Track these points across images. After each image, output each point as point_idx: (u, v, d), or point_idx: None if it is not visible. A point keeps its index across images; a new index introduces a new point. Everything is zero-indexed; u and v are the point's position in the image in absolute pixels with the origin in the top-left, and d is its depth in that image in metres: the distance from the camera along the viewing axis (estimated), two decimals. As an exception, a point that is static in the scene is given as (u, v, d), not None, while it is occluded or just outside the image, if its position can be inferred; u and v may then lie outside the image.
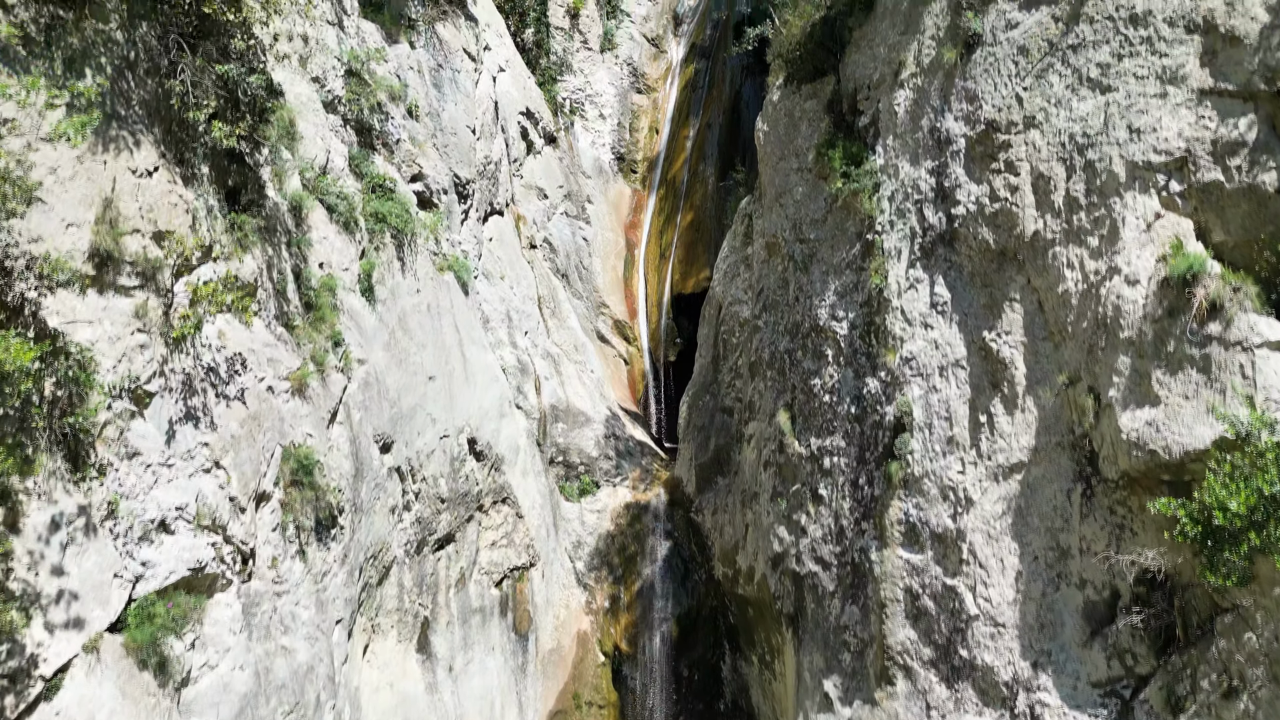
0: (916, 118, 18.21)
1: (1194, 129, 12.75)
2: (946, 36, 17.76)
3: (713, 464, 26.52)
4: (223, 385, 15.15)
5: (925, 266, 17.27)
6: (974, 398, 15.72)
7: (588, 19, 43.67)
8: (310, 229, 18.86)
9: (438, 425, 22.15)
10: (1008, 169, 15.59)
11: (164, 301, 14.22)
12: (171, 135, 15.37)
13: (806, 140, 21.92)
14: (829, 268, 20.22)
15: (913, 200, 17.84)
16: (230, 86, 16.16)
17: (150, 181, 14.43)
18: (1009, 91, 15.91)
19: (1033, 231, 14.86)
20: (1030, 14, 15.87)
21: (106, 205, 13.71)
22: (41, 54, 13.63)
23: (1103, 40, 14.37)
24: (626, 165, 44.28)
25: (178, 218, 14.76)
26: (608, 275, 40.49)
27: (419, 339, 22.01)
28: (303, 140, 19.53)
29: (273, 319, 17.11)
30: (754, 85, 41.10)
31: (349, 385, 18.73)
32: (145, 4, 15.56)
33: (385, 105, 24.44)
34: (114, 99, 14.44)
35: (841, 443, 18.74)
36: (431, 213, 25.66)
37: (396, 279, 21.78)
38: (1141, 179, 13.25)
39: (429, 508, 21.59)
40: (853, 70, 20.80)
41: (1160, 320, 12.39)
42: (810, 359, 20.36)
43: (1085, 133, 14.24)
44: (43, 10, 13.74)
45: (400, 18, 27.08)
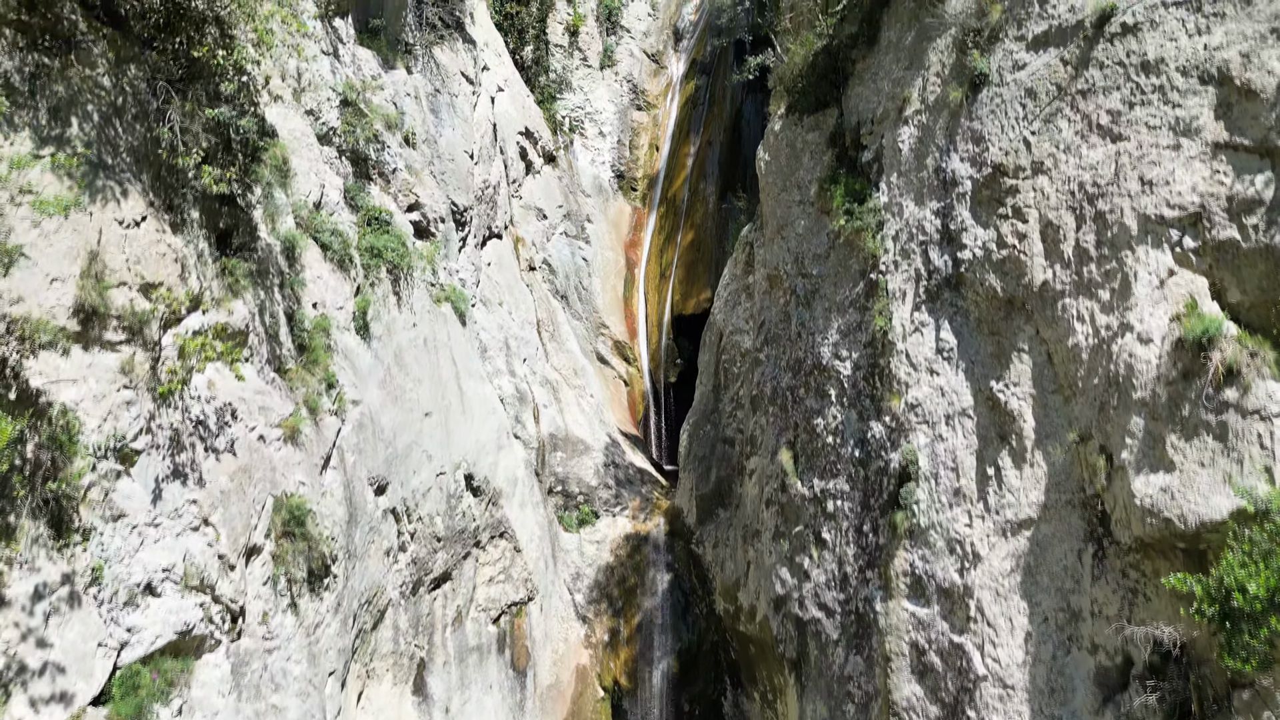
0: (921, 156, 17.87)
1: (1208, 184, 12.40)
2: (952, 74, 17.43)
3: (714, 496, 26.16)
4: (212, 438, 14.80)
5: (931, 310, 16.92)
6: (981, 449, 15.36)
7: (587, 36, 43.35)
8: (304, 268, 18.51)
9: (434, 462, 21.79)
10: (1015, 215, 15.24)
11: (151, 355, 13.87)
12: (161, 181, 15.04)
13: (809, 173, 21.59)
14: (832, 305, 19.87)
15: (917, 241, 17.50)
16: (221, 129, 15.85)
17: (138, 231, 14.08)
18: (1016, 135, 15.57)
19: (1041, 281, 14.51)
20: (1038, 56, 15.54)
21: (93, 258, 13.36)
22: (26, 104, 13.29)
23: (1113, 87, 14.03)
24: (626, 183, 43.95)
25: (166, 267, 14.41)
26: (607, 295, 40.15)
27: (415, 375, 21.66)
28: (296, 177, 19.19)
29: (264, 364, 16.76)
30: (755, 103, 40.84)
31: (343, 428, 18.38)
32: (133, 48, 15.26)
33: (381, 134, 24.10)
34: (101, 147, 14.11)
35: (845, 486, 18.38)
36: (429, 242, 25.33)
37: (392, 314, 21.43)
38: (1154, 233, 12.90)
39: (425, 547, 21.23)
40: (855, 103, 20.47)
41: (1175, 383, 12.03)
42: (813, 397, 20.01)
43: (1095, 182, 13.89)
44: (28, 59, 13.41)
45: (397, 43, 26.76)
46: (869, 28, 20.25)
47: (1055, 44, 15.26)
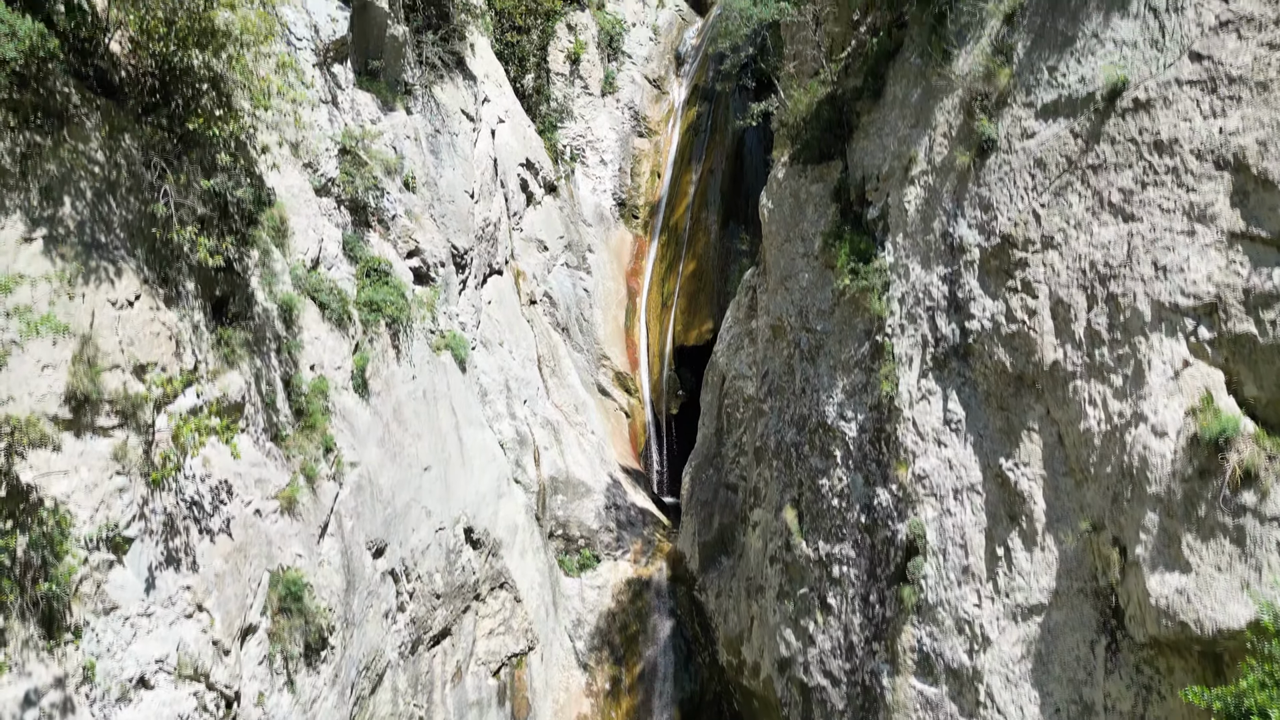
0: (928, 218, 17.61)
1: (1224, 274, 12.14)
2: (959, 137, 17.18)
3: (716, 543, 25.88)
4: (207, 518, 14.54)
5: (938, 378, 16.66)
6: (990, 527, 15.09)
7: (588, 63, 43.13)
8: (301, 330, 18.25)
9: (433, 518, 21.52)
10: (1025, 289, 14.98)
11: (145, 439, 13.61)
12: (155, 254, 14.78)
13: (813, 226, 21.33)
14: (837, 363, 19.61)
15: (924, 306, 17.23)
16: (218, 197, 15.60)
17: (131, 312, 13.82)
18: (1025, 206, 15.31)
19: (1052, 361, 14.24)
20: (1047, 125, 15.29)
21: (84, 343, 13.10)
22: (17, 185, 13.05)
23: (1125, 164, 13.77)
24: (628, 211, 43.71)
25: (160, 346, 14.15)
26: (609, 326, 39.89)
27: (414, 429, 21.39)
28: (294, 235, 18.94)
29: (261, 433, 16.50)
30: (757, 132, 40.50)
31: (341, 492, 18.11)
32: (127, 118, 15.02)
33: (381, 181, 23.85)
34: (94, 225, 13.86)
35: (851, 552, 18.11)
36: (429, 288, 25.08)
37: (391, 369, 21.17)
38: (1169, 321, 12.64)
39: (424, 605, 20.95)
40: (860, 157, 20.22)
41: (1190, 480, 11.76)
42: (818, 456, 19.73)
43: (1107, 262, 13.63)
44: (19, 139, 13.17)
45: (397, 84, 26.52)
46: (874, 81, 20.02)
47: (1065, 114, 15.01)
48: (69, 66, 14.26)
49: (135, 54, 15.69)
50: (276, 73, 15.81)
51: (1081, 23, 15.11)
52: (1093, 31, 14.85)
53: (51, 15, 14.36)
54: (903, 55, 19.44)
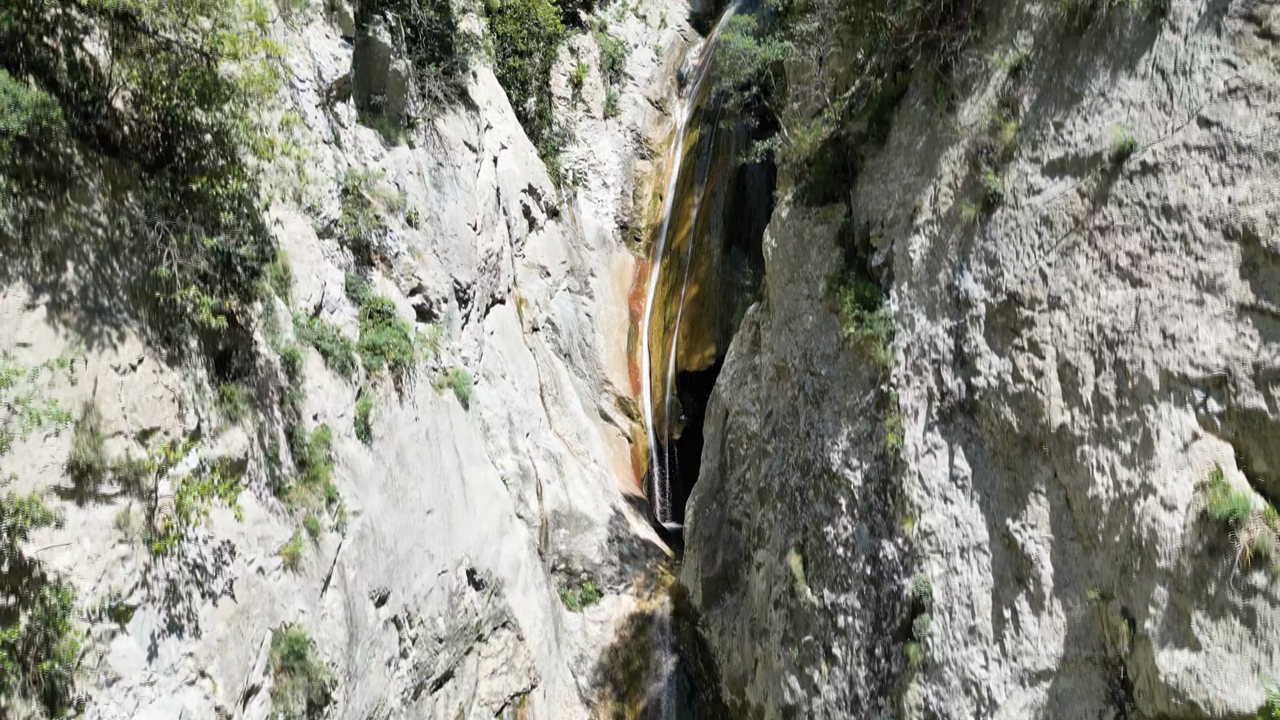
0: (933, 269, 17.55)
1: (1233, 347, 12.06)
2: (965, 189, 17.12)
3: (720, 580, 25.80)
4: (209, 581, 14.46)
5: (944, 433, 16.58)
6: (997, 588, 15.01)
7: (591, 87, 43.12)
8: (304, 379, 18.18)
9: (436, 561, 21.44)
10: (1031, 349, 14.90)
11: (148, 505, 13.53)
12: (159, 313, 14.70)
13: (817, 268, 21.27)
14: (841, 409, 19.53)
15: (930, 359, 17.16)
16: (221, 255, 15.54)
17: (134, 376, 13.75)
18: (1032, 264, 15.24)
19: (1059, 424, 14.17)
20: (1054, 182, 15.22)
21: (87, 410, 13.03)
22: (20, 252, 12.98)
23: (1133, 228, 13.70)
24: (630, 233, 43.69)
25: (163, 410, 14.09)
26: (611, 350, 39.85)
27: (417, 472, 21.32)
28: (296, 283, 18.90)
29: (264, 488, 16.43)
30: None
31: (343, 543, 18.04)
32: (131, 175, 14.96)
33: (383, 219, 23.82)
34: (97, 289, 13.79)
35: (856, 603, 18.02)
36: (431, 324, 25.03)
37: (394, 412, 21.10)
38: (1177, 391, 12.56)
39: (427, 650, 20.87)
40: (865, 201, 20.17)
41: (1200, 557, 11.68)
42: (822, 503, 19.66)
43: (1115, 327, 13.55)
44: (21, 205, 13.10)
45: (399, 119, 26.50)
46: (878, 127, 19.97)
47: (1072, 173, 14.94)
48: (71, 126, 14.19)
49: (138, 108, 15.64)
50: (281, 129, 15.75)
51: (1088, 80, 15.05)
52: (1099, 90, 14.79)
53: (55, 76, 14.36)
54: (907, 101, 19.40)
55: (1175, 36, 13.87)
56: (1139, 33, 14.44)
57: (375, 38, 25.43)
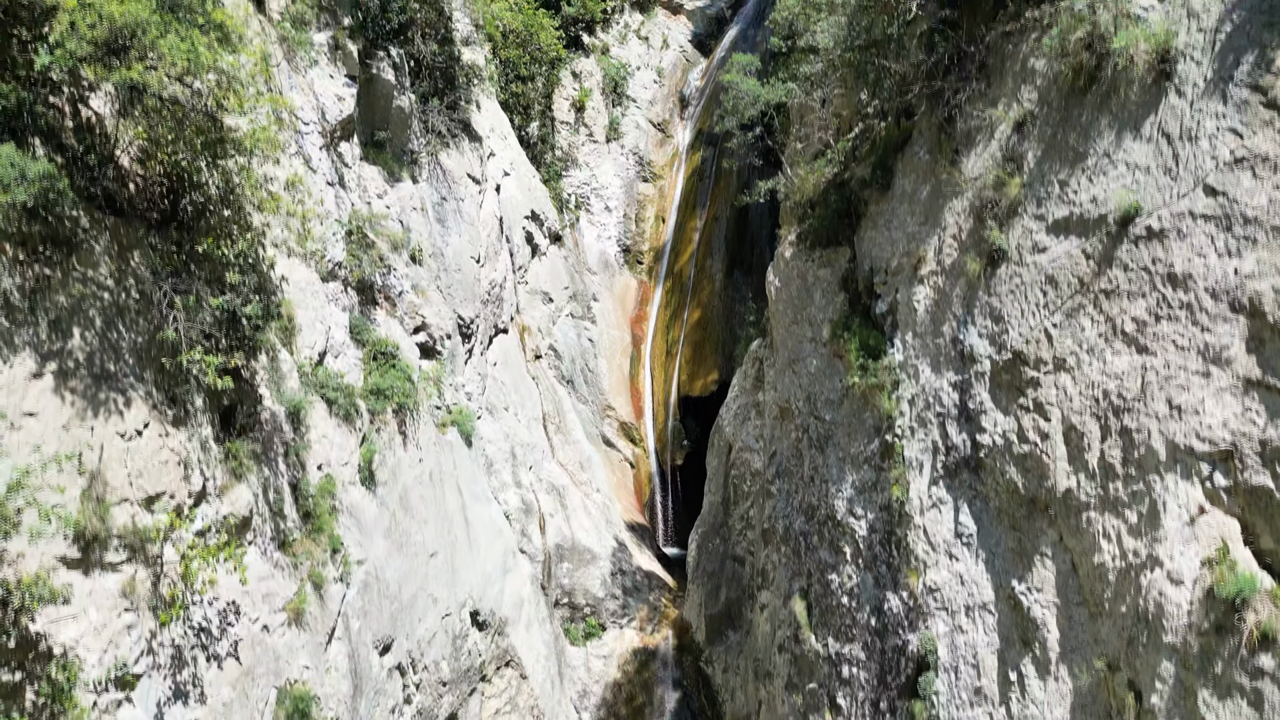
0: (938, 321, 17.55)
1: (1240, 421, 12.06)
2: (969, 242, 17.12)
3: (723, 616, 25.78)
4: (214, 643, 14.46)
5: (949, 488, 16.58)
6: (1003, 650, 15.00)
7: (593, 111, 43.16)
8: (308, 430, 18.19)
9: (439, 605, 21.43)
10: (1037, 410, 14.90)
11: (153, 572, 13.54)
12: (164, 374, 14.71)
13: (821, 312, 21.27)
14: (846, 456, 19.53)
15: (934, 412, 17.16)
16: (226, 315, 15.55)
17: (140, 441, 13.76)
18: (1037, 323, 15.24)
19: (1065, 488, 14.16)
20: (1059, 241, 15.23)
21: (93, 479, 13.04)
22: (26, 320, 12.99)
23: (1138, 293, 13.70)
24: (632, 256, 43.70)
25: (168, 474, 14.09)
26: (613, 375, 39.84)
27: (420, 515, 21.32)
28: (301, 331, 18.90)
29: (268, 543, 16.43)
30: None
31: (348, 593, 18.04)
32: (136, 233, 14.97)
33: (387, 258, 23.84)
34: (103, 354, 13.80)
35: (861, 654, 18.01)
36: (435, 361, 25.05)
37: (398, 455, 21.10)
38: (1184, 463, 12.55)
39: (430, 695, 20.86)
40: (869, 247, 20.18)
41: (1207, 635, 11.67)
42: (827, 550, 19.65)
43: (1121, 394, 13.55)
44: (28, 273, 13.12)
45: (403, 154, 26.53)
46: (882, 173, 19.98)
47: (1077, 233, 14.95)
48: (77, 188, 14.18)
49: (144, 164, 15.65)
50: (287, 189, 15.76)
51: (1093, 140, 15.06)
52: (1104, 150, 14.80)
53: (61, 138, 14.38)
54: (911, 149, 19.41)
55: (1181, 101, 13.88)
56: (1144, 95, 14.45)
57: (379, 75, 25.46)
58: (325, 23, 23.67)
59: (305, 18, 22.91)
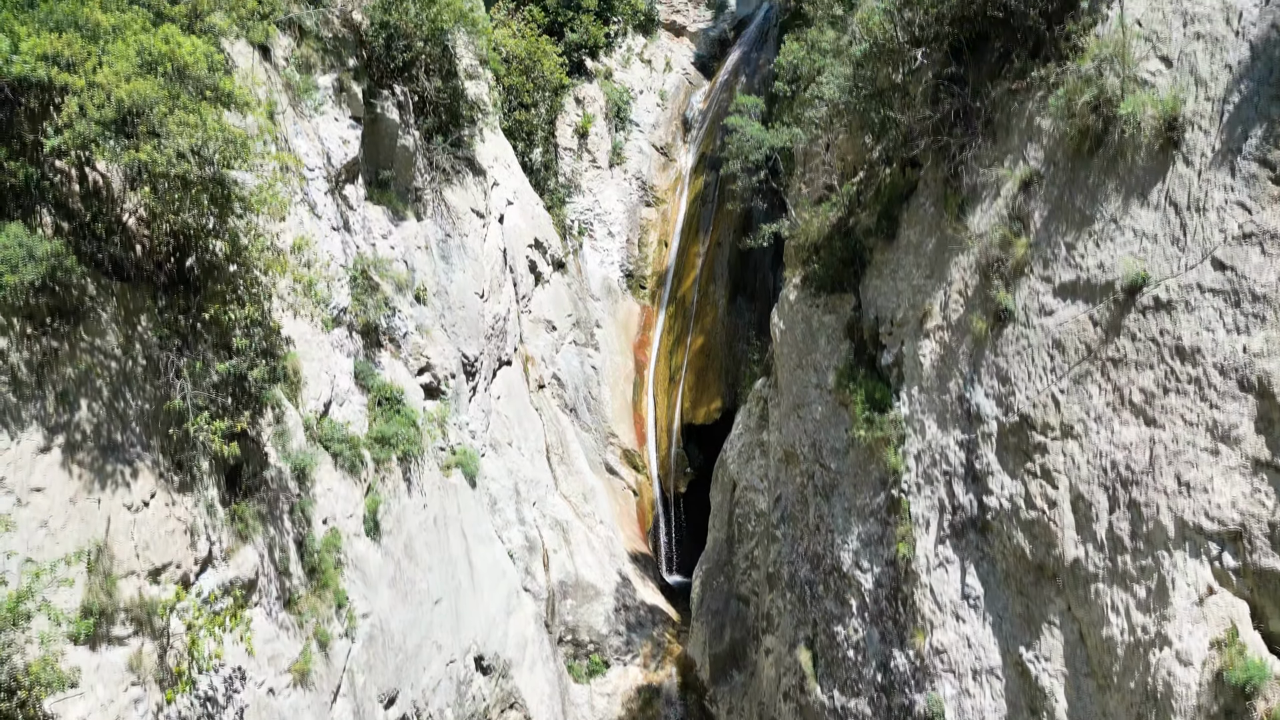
0: (944, 377, 17.53)
1: (1249, 503, 12.02)
2: (975, 299, 17.11)
3: (728, 656, 25.74)
4: (220, 713, 14.44)
5: (956, 548, 16.55)
6: (1010, 716, 14.96)
7: (596, 136, 43.18)
8: (314, 484, 18.17)
9: (444, 652, 21.40)
10: (1045, 476, 14.87)
11: (160, 644, 13.53)
12: (170, 441, 14.70)
13: (826, 358, 21.26)
14: (852, 507, 19.50)
15: (941, 469, 17.13)
16: (233, 378, 15.55)
17: (146, 513, 13.75)
18: (1044, 387, 15.22)
19: (1073, 558, 14.13)
20: (1066, 305, 15.20)
21: (100, 553, 13.04)
22: (33, 394, 12.99)
23: (1146, 364, 13.68)
24: (635, 281, 43.70)
25: (175, 544, 14.08)
26: (616, 402, 39.82)
27: (425, 562, 21.30)
28: (306, 384, 18.89)
29: (274, 603, 16.41)
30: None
31: (353, 648, 18.02)
32: (143, 298, 14.97)
33: (392, 299, 23.85)
34: (110, 425, 13.79)
35: (867, 710, 17.97)
36: (439, 402, 25.03)
37: (403, 502, 21.08)
38: (1192, 541, 12.52)
39: (435, 743, 20.83)
40: (874, 296, 20.16)
41: (1216, 718, 11.63)
42: (832, 600, 19.62)
43: (1129, 465, 13.52)
44: (36, 346, 13.12)
45: (407, 192, 26.55)
46: (888, 223, 19.97)
47: (1084, 298, 14.92)
48: (84, 254, 14.17)
49: (150, 225, 15.63)
50: (294, 253, 15.77)
51: (1100, 203, 15.04)
52: (1111, 215, 14.78)
53: (69, 203, 14.39)
54: (916, 200, 19.40)
55: (1188, 170, 13.86)
56: (1151, 161, 14.43)
57: (383, 115, 25.49)
58: (330, 65, 23.70)
59: (311, 61, 22.96)
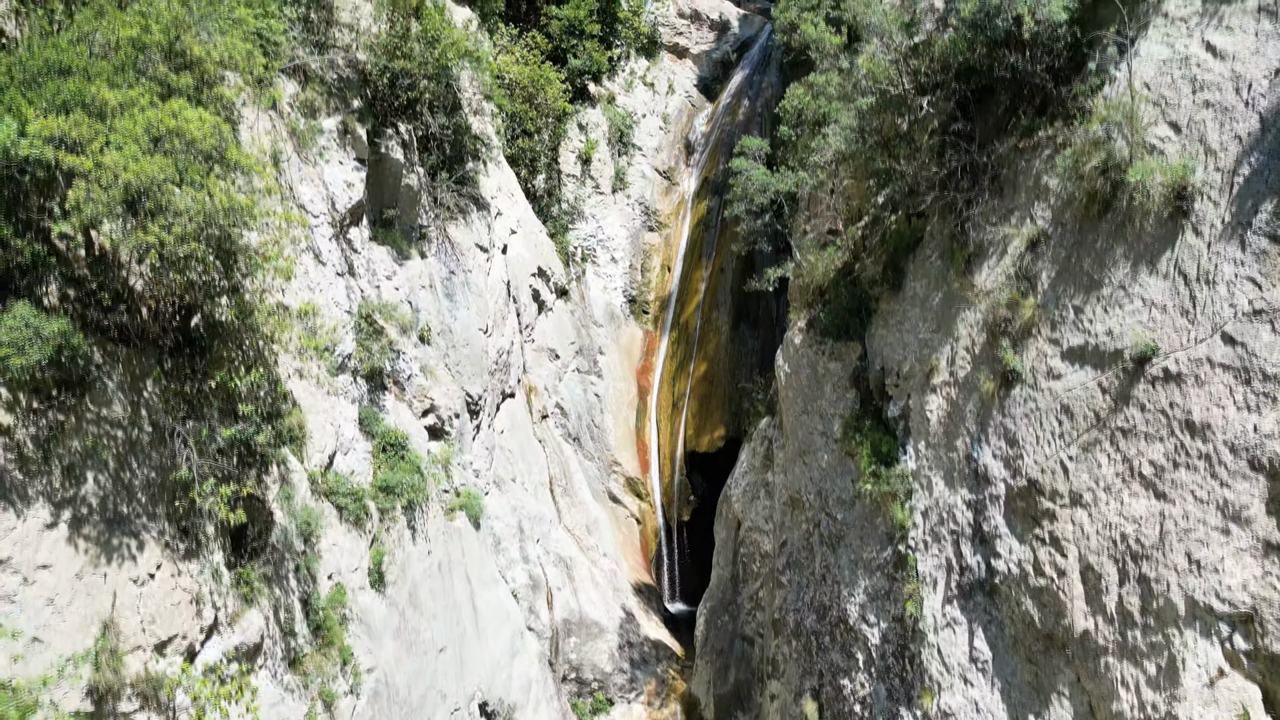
0: (951, 435, 17.48)
1: (1260, 585, 11.97)
2: (982, 358, 17.06)
3: (732, 698, 25.66)
4: (226, 784, 14.37)
5: (964, 609, 16.48)
6: (1019, 786, 14.90)
7: (599, 162, 43.16)
8: (319, 539, 18.12)
9: (449, 700, 21.34)
10: (1053, 544, 14.82)
11: (166, 717, 13.47)
12: (175, 509, 14.66)
13: (832, 406, 21.21)
14: (859, 560, 19.45)
15: (948, 528, 17.08)
16: (239, 443, 15.51)
17: (152, 585, 13.71)
18: (1053, 453, 15.16)
19: (1083, 630, 14.07)
20: (1074, 370, 15.15)
21: (106, 628, 12.99)
22: (39, 470, 12.94)
23: (1156, 436, 13.62)
24: (638, 306, 43.66)
25: (180, 615, 14.03)
26: (620, 429, 39.76)
27: (429, 610, 21.24)
28: (311, 437, 18.85)
29: (279, 664, 16.36)
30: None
31: (358, 704, 17.96)
32: (149, 362, 14.93)
33: (397, 342, 23.82)
34: (116, 497, 13.75)
35: (873, 767, 17.91)
36: (443, 443, 24.99)
37: (407, 550, 21.04)
38: (1203, 621, 12.47)
39: (440, 794, 20.76)
40: (879, 345, 20.12)
41: (1229, 806, 11.60)
42: (839, 653, 19.56)
43: (1139, 539, 13.47)
44: (42, 421, 13.08)
45: (411, 230, 26.53)
46: (894, 273, 19.94)
47: (1093, 364, 14.87)
48: (89, 322, 14.12)
49: (156, 285, 15.58)
50: (300, 318, 15.74)
51: (1108, 268, 15.00)
52: (1120, 282, 14.73)
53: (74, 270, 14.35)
54: (922, 251, 19.37)
55: (1198, 240, 13.82)
56: (1160, 229, 14.39)
57: (388, 154, 25.48)
58: (335, 108, 23.69)
59: (315, 105, 22.95)
